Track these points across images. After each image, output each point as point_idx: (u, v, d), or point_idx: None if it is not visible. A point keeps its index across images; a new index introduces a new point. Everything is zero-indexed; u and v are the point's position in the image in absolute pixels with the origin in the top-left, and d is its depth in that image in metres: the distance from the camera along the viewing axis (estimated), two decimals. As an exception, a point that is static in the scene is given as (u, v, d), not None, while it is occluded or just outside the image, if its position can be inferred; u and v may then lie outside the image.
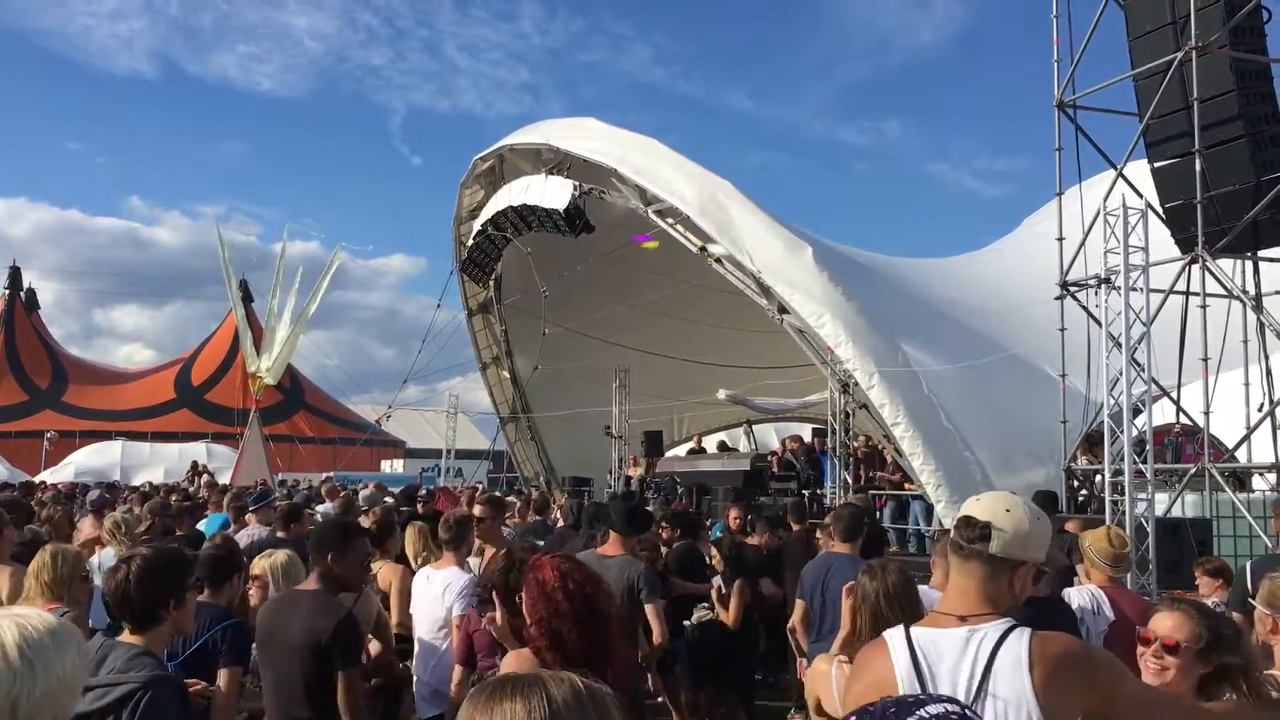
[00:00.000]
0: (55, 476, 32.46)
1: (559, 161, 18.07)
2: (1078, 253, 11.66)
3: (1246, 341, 11.43)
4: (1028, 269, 18.20)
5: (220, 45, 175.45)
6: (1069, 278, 11.84)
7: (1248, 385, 11.42)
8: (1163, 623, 2.84)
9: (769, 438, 24.80)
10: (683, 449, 22.41)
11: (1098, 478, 11.29)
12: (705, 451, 19.93)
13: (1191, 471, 10.59)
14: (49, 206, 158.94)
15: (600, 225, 17.87)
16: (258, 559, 5.11)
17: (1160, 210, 11.05)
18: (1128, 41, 11.35)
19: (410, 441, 52.19)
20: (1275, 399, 11.05)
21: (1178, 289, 11.12)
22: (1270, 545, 9.08)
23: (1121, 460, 9.70)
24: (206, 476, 27.21)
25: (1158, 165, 11.18)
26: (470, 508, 7.68)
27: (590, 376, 22.65)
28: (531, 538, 8.73)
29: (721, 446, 21.06)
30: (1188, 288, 11.13)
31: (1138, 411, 10.00)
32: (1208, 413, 10.79)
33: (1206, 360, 10.95)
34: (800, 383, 19.30)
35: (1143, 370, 9.90)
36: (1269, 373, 11.41)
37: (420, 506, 10.95)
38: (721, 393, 20.10)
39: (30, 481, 26.54)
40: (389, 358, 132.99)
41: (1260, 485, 11.66)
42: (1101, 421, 10.29)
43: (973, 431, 12.71)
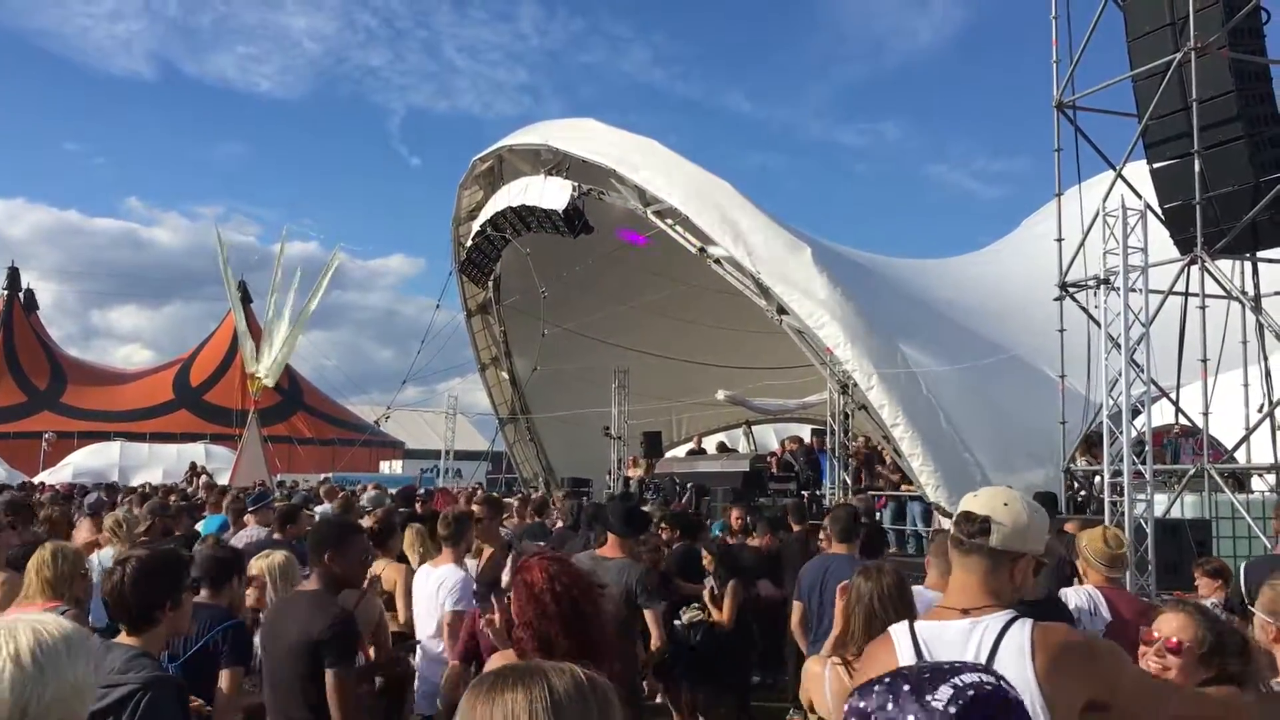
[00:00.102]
0: (54, 477, 32.43)
1: (558, 162, 18.06)
2: (1077, 253, 11.66)
3: (1245, 342, 11.42)
4: (1027, 270, 18.19)
5: (219, 46, 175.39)
6: (1068, 278, 11.84)
7: (1247, 386, 11.42)
8: (1167, 623, 2.85)
9: (768, 438, 24.80)
10: (682, 450, 22.40)
11: (1097, 478, 11.29)
12: (705, 452, 19.90)
13: (1190, 472, 10.58)
14: (47, 207, 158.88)
15: (599, 226, 17.87)
16: (255, 560, 5.10)
17: (1159, 211, 11.05)
18: (1127, 42, 11.35)
19: (409, 442, 52.20)
20: (1274, 400, 11.04)
21: (1177, 290, 11.12)
22: (1269, 546, 9.08)
23: (1121, 461, 9.70)
24: (205, 477, 27.19)
25: (1157, 166, 11.18)
26: (468, 507, 7.67)
27: (589, 377, 22.63)
28: (528, 539, 8.72)
29: (721, 447, 21.04)
30: (1186, 288, 11.13)
31: (1137, 412, 10.00)
32: (1207, 414, 10.79)
33: (1205, 361, 10.95)
34: (799, 383, 19.29)
35: (1142, 371, 9.90)
36: (1268, 374, 11.41)
37: (419, 507, 10.94)
38: (720, 393, 20.08)
39: (29, 482, 26.52)
40: (388, 358, 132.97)
41: (1259, 486, 11.66)
42: (1100, 422, 10.29)
43: (972, 432, 12.71)
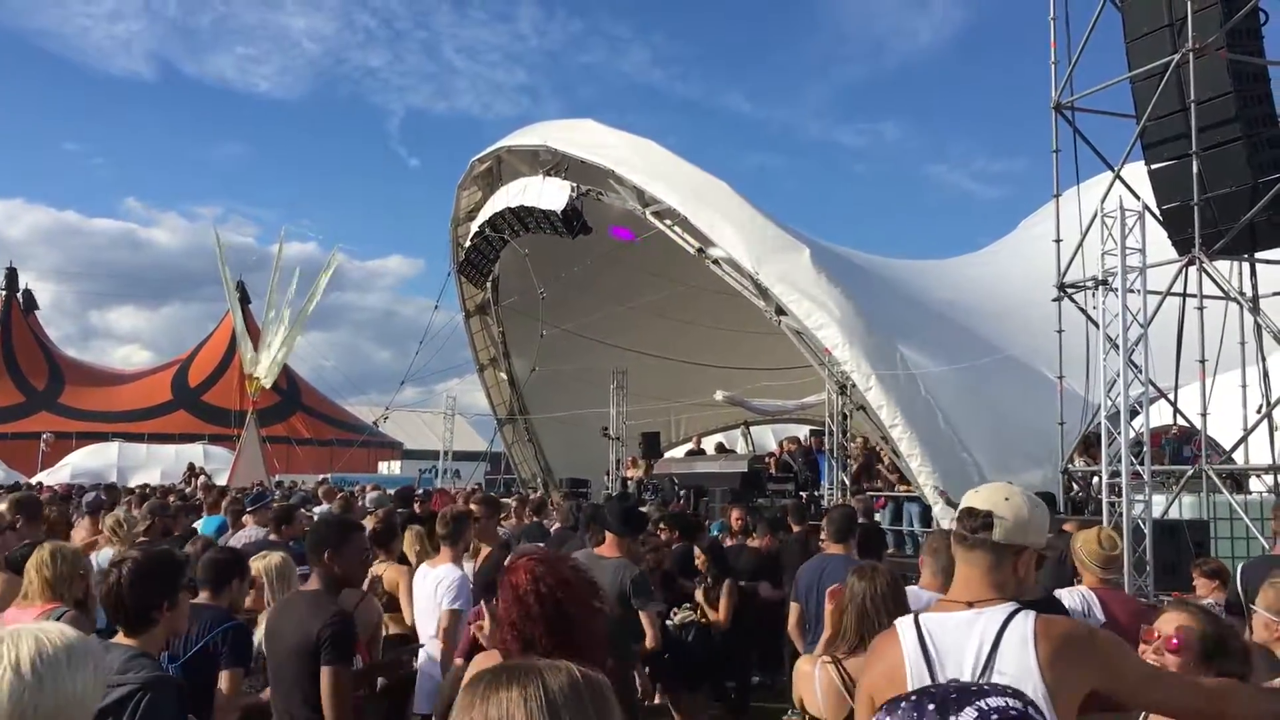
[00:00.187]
0: (52, 478, 32.42)
1: (557, 163, 18.07)
2: (1075, 254, 11.67)
3: (1244, 343, 11.42)
4: (1025, 271, 18.19)
5: (218, 46, 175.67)
6: (1066, 279, 11.85)
7: (1245, 387, 11.42)
8: (1168, 623, 2.87)
9: (766, 439, 24.81)
10: (680, 450, 22.40)
11: (1095, 479, 11.29)
12: (704, 453, 19.91)
13: (1189, 473, 10.59)
14: (46, 207, 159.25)
15: (598, 226, 17.87)
16: (252, 561, 5.09)
17: (1157, 212, 11.06)
18: (1125, 43, 11.35)
19: (407, 443, 52.23)
20: (1272, 401, 11.04)
21: (1175, 291, 11.12)
22: (1267, 547, 9.07)
23: (1119, 462, 9.70)
24: (203, 478, 27.19)
25: (1155, 167, 11.18)
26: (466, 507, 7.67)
27: (588, 378, 22.63)
28: (526, 540, 8.72)
29: (719, 448, 21.06)
30: (1185, 289, 11.13)
31: (1135, 413, 10.00)
32: (1205, 414, 10.80)
33: (1204, 362, 10.95)
34: (798, 384, 19.30)
35: (1140, 372, 9.90)
36: (1266, 374, 11.42)
37: (417, 508, 10.94)
38: (719, 394, 20.08)
39: (27, 483, 26.50)
40: (386, 359, 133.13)
41: (1257, 487, 11.67)
42: (1099, 423, 10.29)
43: (970, 433, 12.71)
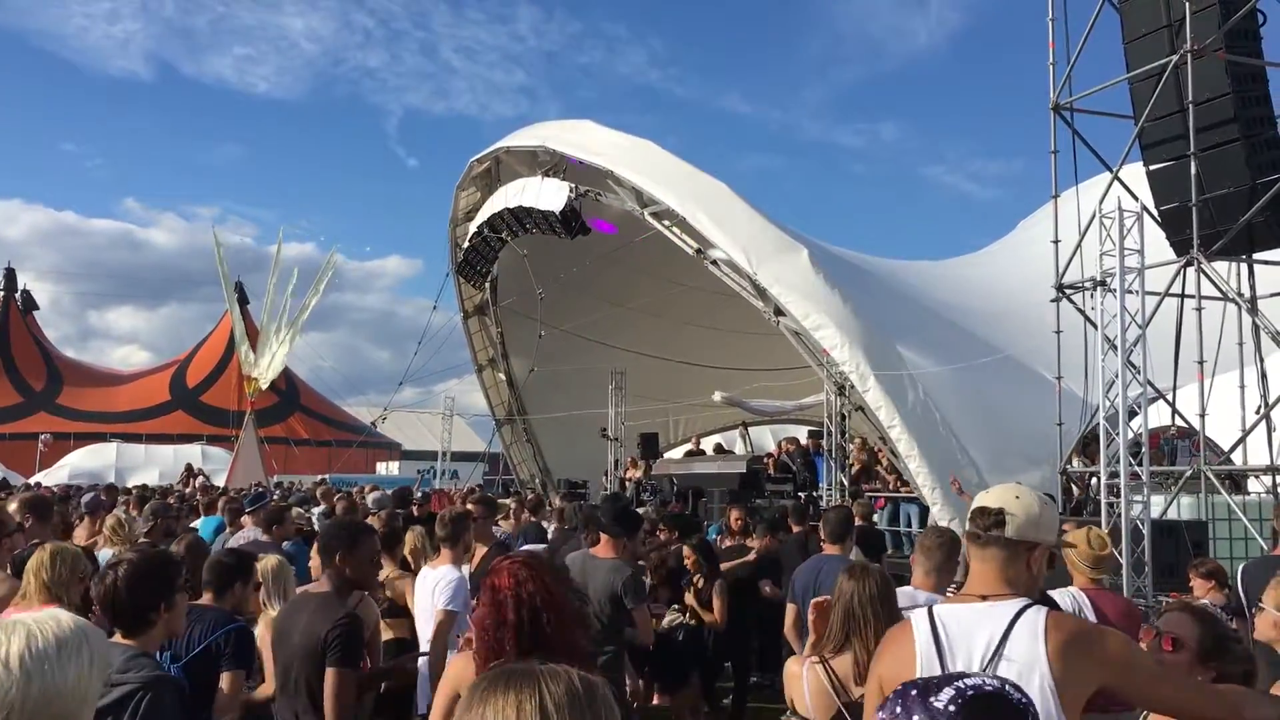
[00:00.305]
0: (50, 478, 32.40)
1: (555, 163, 18.06)
2: (1073, 255, 11.68)
3: (1242, 344, 11.43)
4: (1023, 272, 18.21)
5: (216, 47, 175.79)
6: (1065, 280, 11.85)
7: (1243, 388, 11.43)
8: (1168, 621, 2.92)
9: (765, 440, 24.81)
10: (679, 451, 22.40)
11: (1094, 480, 11.30)
12: (702, 453, 19.91)
13: (1187, 474, 10.59)
14: (44, 208, 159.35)
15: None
16: (249, 562, 5.09)
17: (1155, 213, 11.06)
18: (1123, 44, 11.36)
19: (406, 444, 52.26)
20: (1270, 401, 11.05)
21: (1173, 291, 11.13)
22: (1265, 547, 9.08)
23: (1117, 463, 9.71)
24: (201, 479, 27.17)
25: (1153, 168, 11.18)
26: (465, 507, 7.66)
27: (586, 378, 22.63)
28: (525, 540, 8.71)
29: (718, 449, 21.06)
30: (1183, 290, 11.14)
31: (1133, 414, 10.01)
32: (1203, 415, 10.80)
33: (1202, 363, 10.96)
34: (796, 385, 19.29)
35: (1138, 373, 9.91)
36: (1264, 375, 11.42)
37: (415, 509, 10.93)
38: (717, 395, 20.08)
39: (26, 483, 26.47)
40: (385, 360, 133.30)
41: (1256, 487, 11.68)
42: (1097, 424, 10.30)
43: (968, 434, 12.71)
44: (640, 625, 5.17)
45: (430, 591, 5.34)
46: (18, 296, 58.22)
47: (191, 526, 9.66)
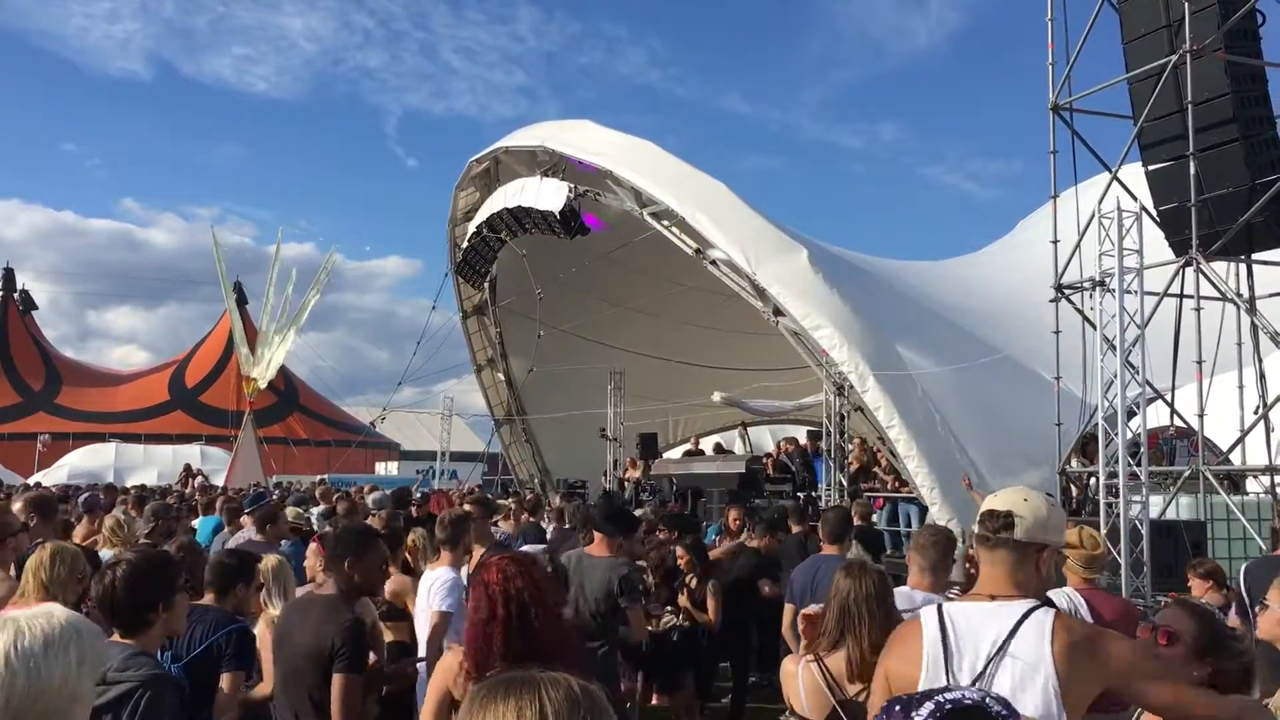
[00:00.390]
0: (49, 478, 32.38)
1: (554, 163, 18.06)
2: (1072, 255, 11.68)
3: (1240, 344, 11.43)
4: (1022, 272, 18.21)
5: (216, 47, 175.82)
6: (1064, 280, 11.85)
7: (1242, 388, 11.43)
8: (1165, 616, 2.95)
9: (765, 440, 24.81)
10: (678, 451, 22.40)
11: (1092, 480, 11.30)
12: (701, 453, 19.91)
13: (1186, 474, 10.60)
14: (43, 207, 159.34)
15: (603, 230, 17.86)
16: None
17: (1154, 213, 11.07)
18: (1123, 44, 11.35)
19: (405, 444, 52.22)
20: (1269, 402, 11.05)
21: (1172, 292, 11.13)
22: (1264, 547, 9.08)
23: (1116, 463, 9.71)
24: (200, 479, 27.16)
25: (1152, 168, 11.18)
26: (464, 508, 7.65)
27: (585, 379, 22.63)
28: (525, 540, 8.71)
29: (718, 449, 21.06)
30: (1181, 290, 11.14)
31: (1132, 414, 10.01)
32: (1202, 415, 10.80)
33: (1200, 363, 10.96)
34: (795, 385, 19.28)
35: (1137, 373, 9.92)
36: (1262, 375, 11.43)
37: (415, 510, 10.92)
38: (716, 395, 20.08)
39: (25, 483, 26.46)
40: (384, 360, 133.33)
41: (1254, 487, 11.68)
42: (1096, 424, 10.30)
43: (967, 434, 12.71)
44: (633, 623, 5.18)
45: (427, 593, 5.35)
46: (16, 296, 58.20)
47: (191, 527, 9.66)
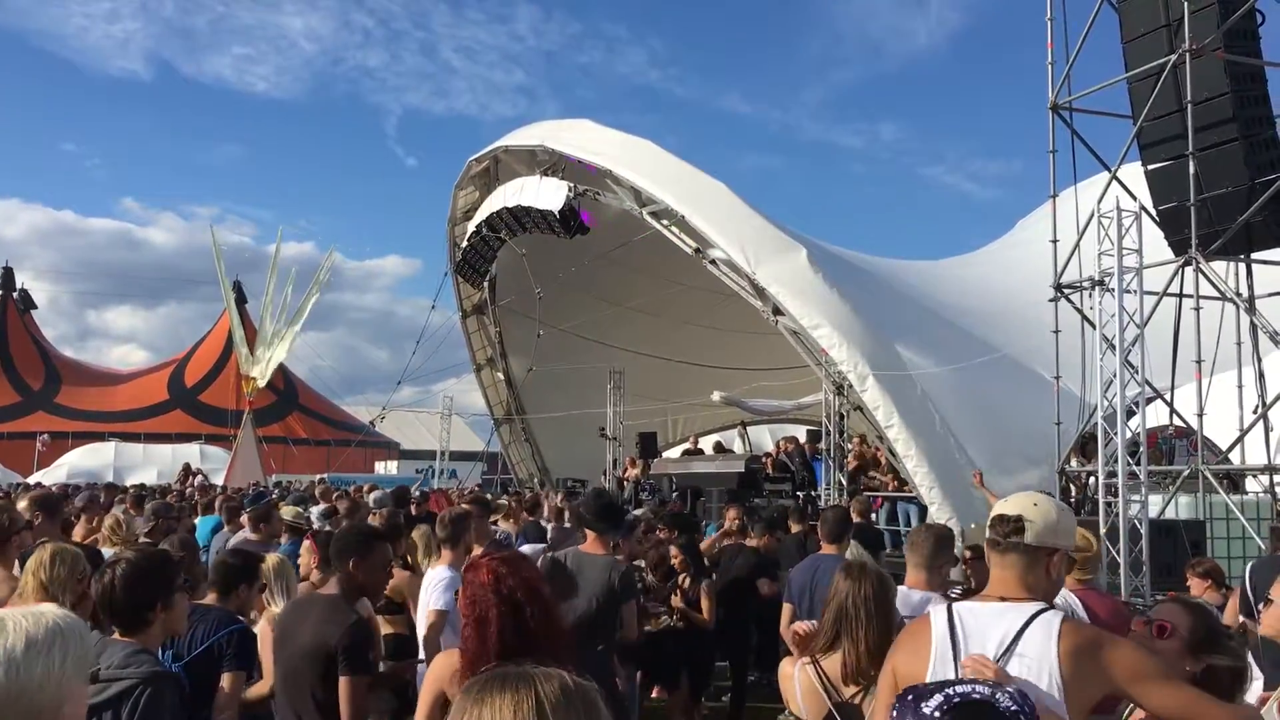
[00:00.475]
0: (48, 478, 32.38)
1: (554, 162, 18.06)
2: (1072, 255, 11.68)
3: (1240, 344, 11.44)
4: (1022, 271, 18.21)
5: (215, 46, 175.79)
6: (1063, 280, 11.85)
7: (1241, 387, 11.43)
8: (1160, 610, 2.98)
9: (764, 439, 24.81)
10: (677, 450, 22.39)
11: (1091, 480, 11.30)
12: (701, 453, 19.90)
13: (1185, 473, 10.60)
14: (43, 207, 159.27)
15: (595, 227, 17.86)
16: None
17: (1154, 212, 11.07)
18: (1122, 44, 11.35)
19: (404, 443, 52.18)
20: (1268, 401, 11.05)
21: (1171, 291, 11.13)
22: (1263, 547, 9.09)
23: (1115, 462, 9.72)
24: (200, 478, 27.16)
25: (1151, 168, 11.18)
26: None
27: (584, 378, 22.64)
28: (525, 540, 8.71)
29: (718, 448, 21.05)
30: (1181, 290, 11.14)
31: (1131, 414, 10.02)
32: (1201, 415, 10.81)
33: (1200, 362, 10.97)
34: (795, 384, 19.29)
35: (1136, 372, 9.92)
36: (1262, 375, 11.43)
37: (414, 508, 10.93)
38: (716, 394, 20.08)
39: (24, 482, 26.47)
40: (383, 359, 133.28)
41: (1254, 487, 11.68)
42: (1095, 423, 10.30)
43: (966, 433, 12.71)
44: (627, 621, 5.18)
45: (427, 592, 5.36)
46: (16, 296, 58.15)
47: (191, 525, 9.66)
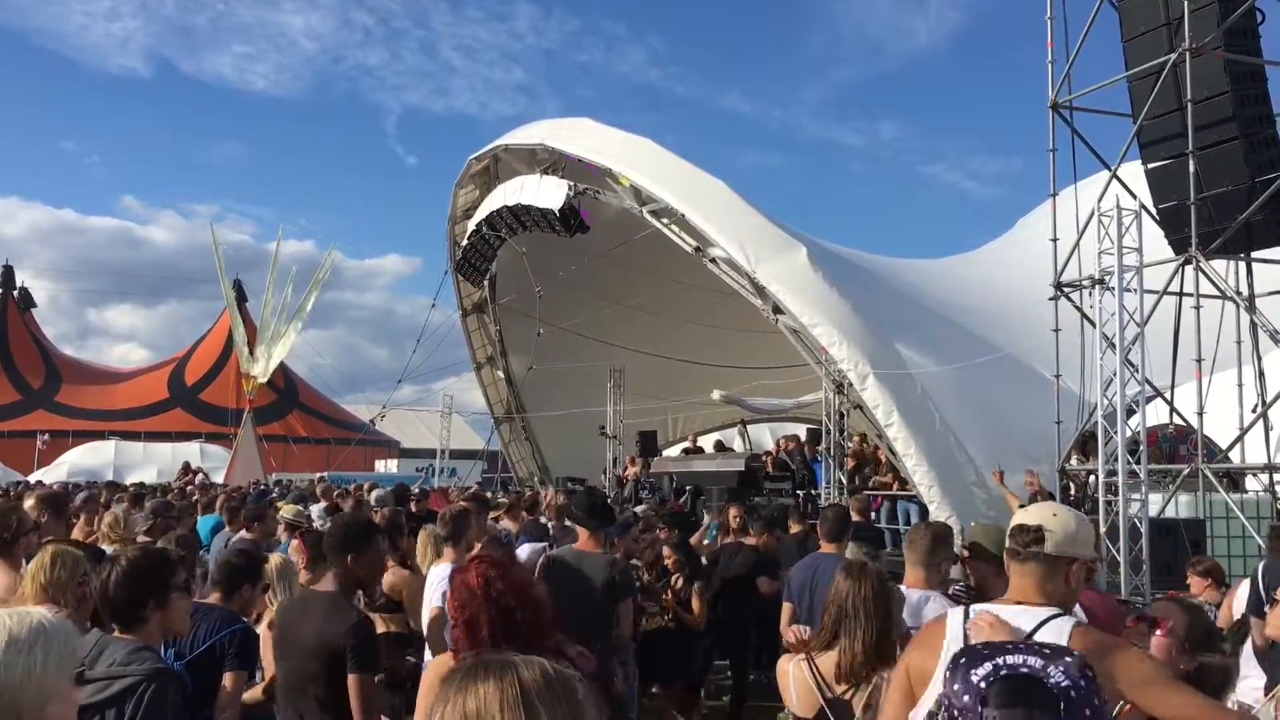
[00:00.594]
0: (48, 476, 32.38)
1: (554, 161, 18.05)
2: (1072, 254, 11.68)
3: (1240, 342, 11.44)
4: (1022, 270, 18.21)
5: (215, 45, 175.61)
6: (1063, 278, 11.85)
7: (1241, 386, 11.44)
8: (1157, 608, 3.08)
9: (764, 437, 24.81)
10: (677, 449, 22.40)
11: (1092, 478, 11.31)
12: (701, 451, 19.90)
13: (1185, 472, 10.60)
14: (43, 205, 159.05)
15: (595, 225, 17.86)
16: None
17: (1154, 211, 11.07)
18: (1122, 43, 11.35)
19: (404, 442, 52.13)
20: (1268, 400, 11.06)
21: (1171, 290, 11.14)
22: (1264, 546, 9.09)
23: (1115, 461, 9.72)
24: (201, 477, 27.16)
25: (1152, 166, 11.19)
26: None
27: (585, 376, 22.63)
28: (526, 538, 8.71)
29: (718, 446, 21.05)
30: (1181, 288, 11.15)
31: (1131, 412, 10.02)
32: (1201, 413, 10.81)
33: (1200, 361, 10.97)
34: (795, 383, 19.29)
35: (1136, 371, 9.92)
36: (1262, 374, 11.44)
37: (414, 506, 10.92)
38: (716, 393, 20.08)
39: (25, 481, 26.47)
40: (383, 358, 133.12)
41: (1254, 486, 11.69)
42: (1095, 422, 10.30)
43: (966, 432, 12.71)
44: (623, 619, 5.19)
45: (429, 589, 5.37)
46: (16, 294, 58.12)
47: (192, 524, 9.66)
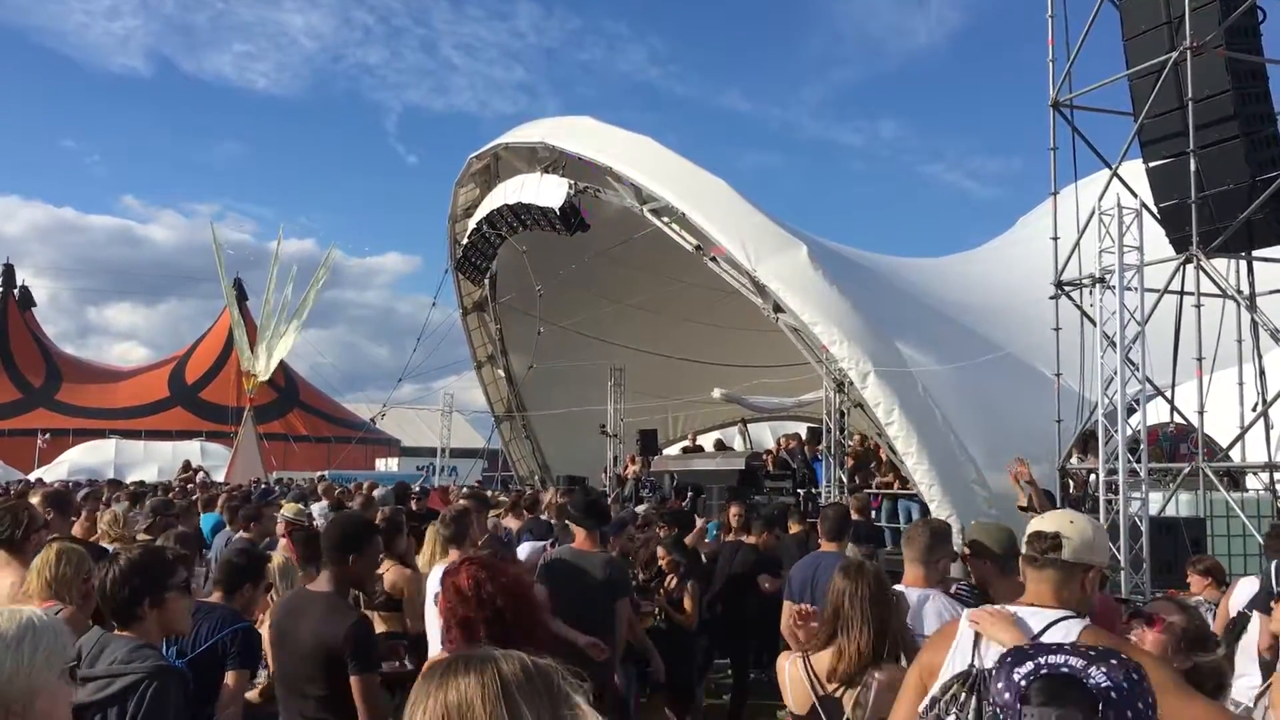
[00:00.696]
0: (49, 475, 32.41)
1: (554, 160, 18.05)
2: (1072, 252, 11.67)
3: (1241, 341, 11.44)
4: (1022, 268, 18.20)
5: (216, 43, 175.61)
6: (1064, 277, 11.84)
7: (1242, 385, 11.44)
8: (1154, 606, 3.10)
9: (764, 436, 24.83)
10: (678, 447, 22.42)
11: (1092, 477, 11.31)
12: (702, 450, 19.91)
13: (1185, 471, 10.60)
14: (43, 204, 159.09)
15: (595, 224, 17.86)
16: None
17: (1155, 210, 11.06)
18: (1123, 41, 11.34)
19: (405, 440, 52.18)
20: (1269, 398, 11.06)
21: (1172, 288, 11.13)
22: (1263, 545, 9.10)
23: (1116, 460, 9.72)
24: (201, 475, 27.17)
25: (1152, 165, 11.17)
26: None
27: (585, 375, 22.65)
28: (528, 537, 8.72)
29: (719, 445, 21.06)
30: (1182, 287, 11.14)
31: (1132, 411, 10.02)
32: (1202, 412, 10.81)
33: (1200, 360, 10.96)
34: (795, 381, 19.29)
35: (1137, 369, 9.92)
36: (1262, 372, 11.43)
37: (414, 505, 10.93)
38: (716, 392, 20.08)
39: (26, 480, 26.49)
40: (384, 356, 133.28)
41: (1254, 484, 11.69)
42: (1096, 421, 10.30)
43: (967, 431, 12.71)
44: (622, 618, 5.19)
45: (432, 588, 5.36)
46: (16, 293, 58.15)
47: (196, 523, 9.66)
